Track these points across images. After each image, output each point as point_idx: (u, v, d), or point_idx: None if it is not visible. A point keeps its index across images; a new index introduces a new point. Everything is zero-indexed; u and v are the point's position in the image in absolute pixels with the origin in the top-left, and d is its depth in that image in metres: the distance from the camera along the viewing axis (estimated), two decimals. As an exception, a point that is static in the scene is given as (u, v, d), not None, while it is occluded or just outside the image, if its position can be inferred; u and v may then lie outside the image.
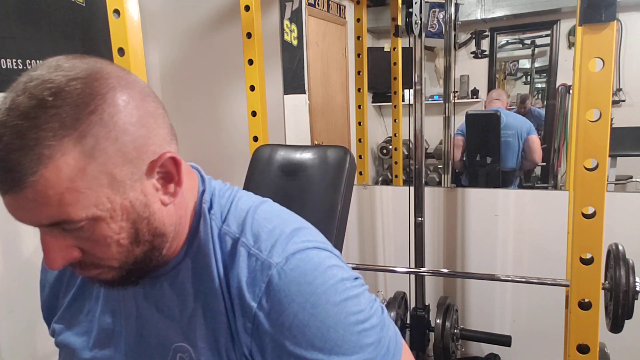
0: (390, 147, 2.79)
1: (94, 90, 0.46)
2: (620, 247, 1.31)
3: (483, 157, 2.71)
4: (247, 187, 1.19)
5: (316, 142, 2.57)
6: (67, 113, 0.44)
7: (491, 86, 3.30)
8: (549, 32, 3.17)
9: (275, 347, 0.52)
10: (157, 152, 0.51)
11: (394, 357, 0.55)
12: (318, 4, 2.62)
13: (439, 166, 2.96)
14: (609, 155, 1.02)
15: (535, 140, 2.72)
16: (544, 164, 2.95)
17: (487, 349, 2.15)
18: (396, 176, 2.68)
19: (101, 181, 0.46)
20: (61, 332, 0.65)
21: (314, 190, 1.13)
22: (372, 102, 3.22)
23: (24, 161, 0.43)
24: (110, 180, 0.47)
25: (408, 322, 1.97)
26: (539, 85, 3.33)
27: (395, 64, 2.53)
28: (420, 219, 1.95)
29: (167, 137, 0.53)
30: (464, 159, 2.81)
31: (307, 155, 1.17)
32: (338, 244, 1.07)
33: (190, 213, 0.59)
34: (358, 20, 2.47)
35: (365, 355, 0.52)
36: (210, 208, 0.59)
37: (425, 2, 1.85)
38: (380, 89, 3.11)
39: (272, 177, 1.18)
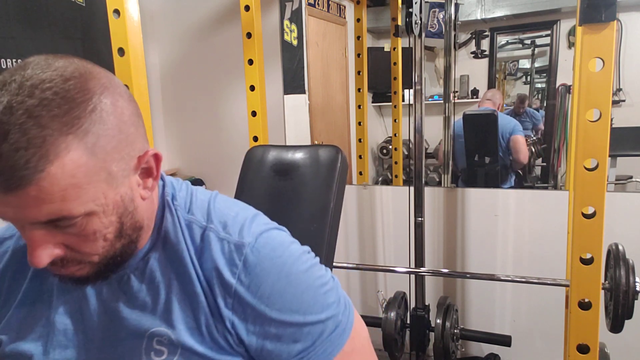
0: (390, 147, 2.79)
1: (91, 89, 0.48)
2: (620, 247, 1.31)
3: (481, 157, 2.72)
4: (240, 188, 1.20)
5: (316, 142, 2.57)
6: (69, 111, 0.46)
7: (491, 86, 3.30)
8: (549, 32, 3.17)
9: (256, 317, 0.58)
10: (142, 148, 0.55)
11: (350, 311, 0.64)
12: (318, 4, 2.62)
13: (440, 167, 2.96)
14: (609, 155, 1.02)
15: (518, 140, 2.70)
16: (545, 164, 2.96)
17: (487, 349, 2.15)
18: (396, 176, 2.68)
19: (100, 176, 0.49)
20: (9, 342, 0.63)
21: (307, 189, 1.13)
22: (372, 102, 3.21)
23: (32, 159, 0.44)
24: (107, 176, 0.50)
25: (408, 322, 1.97)
26: (539, 85, 3.33)
27: (395, 64, 2.53)
28: (420, 219, 1.95)
29: (145, 135, 0.57)
30: (457, 160, 2.82)
31: (299, 155, 1.18)
32: (331, 241, 1.08)
33: (156, 206, 0.63)
34: (358, 20, 2.47)
35: (332, 312, 0.61)
36: (174, 200, 0.64)
37: (425, 2, 1.85)
38: (380, 89, 3.10)
39: (264, 177, 1.19)
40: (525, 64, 3.34)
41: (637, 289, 1.22)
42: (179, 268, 0.60)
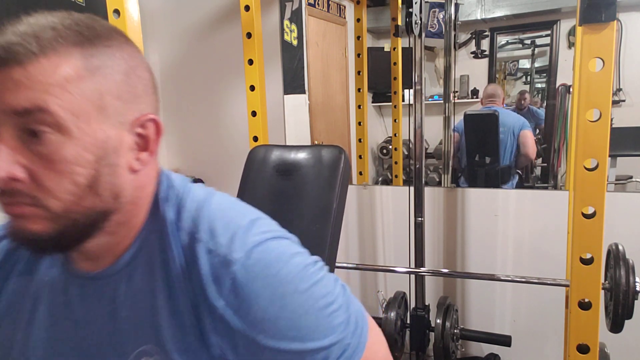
0: (390, 147, 2.79)
1: (115, 36, 0.51)
2: (620, 247, 1.31)
3: (481, 157, 2.72)
4: (242, 188, 1.20)
5: (316, 142, 2.57)
6: (88, 34, 0.48)
7: (491, 86, 3.29)
8: (549, 32, 3.17)
9: (248, 344, 0.51)
10: (145, 110, 0.52)
11: (362, 331, 0.55)
12: (318, 4, 2.62)
13: (439, 167, 2.96)
14: (609, 155, 1.02)
15: (528, 135, 2.73)
16: (545, 164, 2.95)
17: (487, 349, 2.15)
18: (396, 176, 2.68)
19: (91, 97, 0.47)
20: None
21: (309, 189, 1.13)
22: (372, 102, 3.21)
23: (30, 42, 0.45)
24: (98, 104, 0.48)
25: (408, 322, 1.97)
26: (539, 85, 3.33)
27: (395, 64, 2.53)
28: (420, 219, 1.95)
29: (156, 108, 0.55)
30: (460, 157, 2.82)
31: (301, 155, 1.17)
32: (334, 242, 1.08)
33: (147, 202, 0.56)
34: (358, 20, 2.47)
35: (338, 336, 0.52)
36: (166, 200, 0.56)
37: (425, 2, 1.85)
38: (380, 89, 3.10)
39: (267, 177, 1.19)
40: (525, 64, 3.34)
41: (637, 289, 1.22)
42: (167, 280, 0.53)
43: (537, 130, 3.02)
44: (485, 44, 3.30)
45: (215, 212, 0.55)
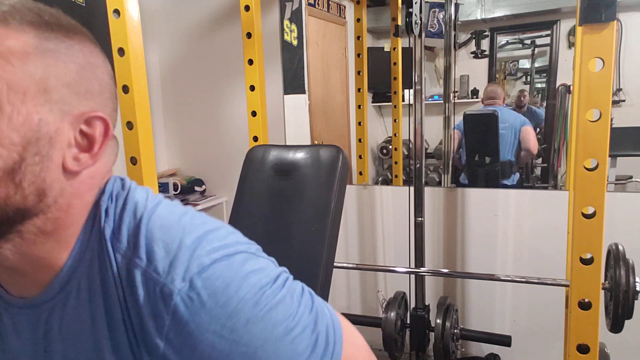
0: (390, 147, 2.79)
1: (85, 34, 0.48)
2: (620, 247, 1.31)
3: (482, 157, 2.72)
4: (240, 188, 1.20)
5: (316, 142, 2.57)
6: (49, 20, 0.45)
7: (491, 86, 3.29)
8: (549, 32, 3.17)
9: None
10: (94, 108, 0.47)
11: (335, 347, 0.48)
12: (318, 4, 2.62)
13: (439, 167, 2.96)
14: (609, 155, 1.02)
15: (528, 131, 2.76)
16: (545, 164, 2.95)
17: (487, 349, 2.15)
18: (396, 176, 2.68)
19: (34, 76, 0.43)
20: None
21: (307, 189, 1.14)
22: (372, 102, 3.21)
23: None
24: (42, 86, 0.43)
25: (408, 322, 1.97)
26: (539, 85, 3.33)
27: (395, 64, 2.53)
28: (420, 219, 1.95)
29: (112, 113, 0.50)
30: (462, 156, 2.82)
31: (299, 155, 1.18)
32: (332, 241, 1.08)
33: (82, 214, 0.49)
34: (358, 20, 2.47)
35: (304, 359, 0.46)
36: (107, 214, 0.49)
37: (425, 2, 1.85)
38: (380, 89, 3.10)
39: (265, 177, 1.19)
40: (525, 64, 3.34)
41: (637, 289, 1.22)
42: (107, 309, 0.46)
43: (538, 130, 3.02)
44: (485, 44, 3.30)
45: (155, 229, 0.47)
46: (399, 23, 2.47)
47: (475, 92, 3.30)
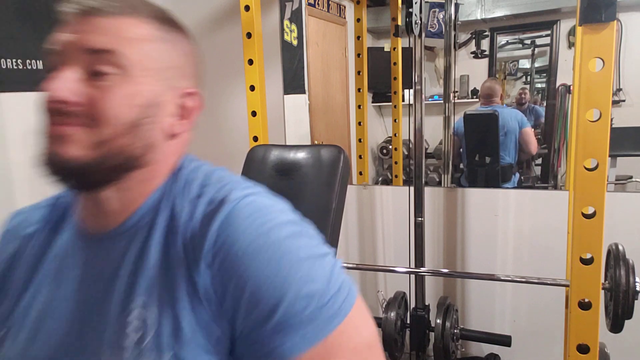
0: (390, 147, 2.79)
1: (189, 34, 0.65)
2: (620, 247, 1.31)
3: (482, 157, 2.72)
4: (241, 187, 1.20)
5: (316, 142, 2.57)
6: (168, 17, 0.61)
7: (491, 86, 3.29)
8: (549, 32, 3.17)
9: (235, 285, 0.50)
10: (192, 86, 0.63)
11: (347, 298, 0.52)
12: (318, 4, 2.62)
13: (439, 167, 2.96)
14: (609, 155, 1.02)
15: (528, 132, 2.76)
16: (542, 166, 2.96)
17: (487, 349, 2.15)
18: (396, 176, 2.68)
19: (154, 57, 0.57)
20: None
21: (309, 189, 1.14)
22: (372, 102, 3.21)
23: (124, 4, 0.56)
24: (158, 65, 0.57)
25: (408, 322, 1.97)
26: (539, 85, 3.33)
27: (395, 64, 2.53)
28: (420, 219, 1.95)
29: (200, 89, 0.66)
30: (462, 159, 2.82)
31: (301, 155, 1.18)
32: (333, 241, 1.08)
33: (167, 171, 0.61)
34: (358, 20, 2.48)
35: (315, 287, 0.50)
36: (183, 174, 0.62)
37: (425, 2, 1.85)
38: (380, 89, 3.10)
39: (266, 177, 1.19)
40: (525, 64, 3.34)
41: (637, 289, 1.22)
42: (172, 244, 0.54)
43: (539, 130, 3.02)
44: (485, 44, 3.30)
45: (217, 179, 0.59)
46: (399, 23, 2.47)
47: (475, 92, 3.30)
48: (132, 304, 0.53)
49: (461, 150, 2.83)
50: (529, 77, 3.34)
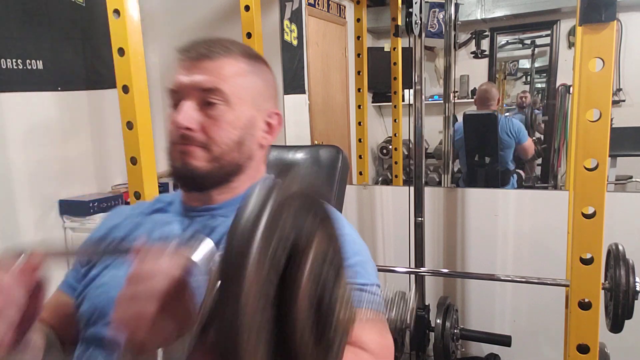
0: (390, 147, 2.79)
1: (265, 61, 0.83)
2: (620, 247, 1.31)
3: (481, 157, 2.72)
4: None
5: (316, 142, 2.57)
6: (251, 52, 0.80)
7: (491, 86, 3.29)
8: (549, 32, 3.17)
9: None
10: (273, 106, 0.82)
11: (373, 276, 0.75)
12: (318, 4, 2.62)
13: (439, 167, 2.96)
14: (609, 155, 1.02)
15: (526, 147, 2.77)
16: (542, 166, 2.95)
17: (487, 349, 2.15)
18: (396, 176, 2.68)
19: (246, 88, 0.76)
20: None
21: (307, 189, 1.14)
22: (372, 102, 3.21)
23: (219, 49, 0.75)
24: (250, 93, 0.76)
25: (408, 322, 1.97)
26: (539, 85, 3.33)
27: (395, 64, 2.53)
28: (420, 219, 1.95)
29: (277, 107, 0.85)
30: (460, 157, 2.81)
31: (299, 155, 1.18)
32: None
33: (260, 174, 0.82)
34: (358, 20, 2.47)
35: (363, 257, 0.76)
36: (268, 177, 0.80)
37: (425, 2, 1.85)
38: (380, 89, 3.10)
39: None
40: (525, 64, 3.34)
41: (637, 289, 1.22)
42: None
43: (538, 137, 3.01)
44: (485, 44, 3.30)
45: None
46: (399, 23, 2.47)
47: (475, 92, 3.30)
48: None
49: (459, 154, 2.82)
50: (529, 77, 3.34)
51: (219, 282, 0.38)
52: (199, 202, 0.79)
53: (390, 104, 2.61)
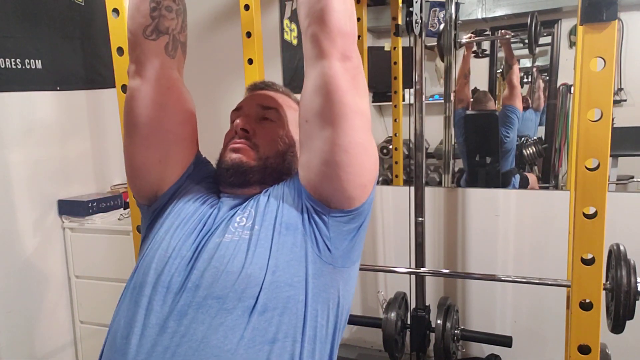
0: (391, 147, 2.78)
1: (288, 90, 1.06)
2: (621, 247, 1.31)
3: (482, 157, 2.71)
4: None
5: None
6: (289, 92, 1.05)
7: (492, 86, 3.28)
8: (550, 31, 3.16)
9: None
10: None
11: None
12: (318, 3, 2.61)
13: (440, 167, 2.95)
14: (610, 155, 1.01)
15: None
16: (543, 166, 2.94)
17: (488, 349, 2.15)
18: (396, 176, 2.67)
19: (289, 115, 0.97)
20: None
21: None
22: (372, 102, 3.20)
23: (281, 88, 1.04)
24: (291, 119, 0.97)
25: (408, 322, 1.96)
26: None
27: (395, 63, 2.53)
28: (420, 219, 1.95)
29: None
30: (461, 157, 2.80)
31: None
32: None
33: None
34: (358, 19, 2.47)
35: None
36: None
37: (426, 1, 1.85)
38: (381, 89, 3.09)
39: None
40: (525, 63, 3.33)
41: (639, 289, 1.22)
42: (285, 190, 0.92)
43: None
44: (486, 44, 3.29)
45: None
46: (400, 22, 2.47)
47: (475, 92, 3.29)
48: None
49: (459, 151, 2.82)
50: (529, 77, 3.33)
51: None
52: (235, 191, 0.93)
53: (390, 103, 2.60)
